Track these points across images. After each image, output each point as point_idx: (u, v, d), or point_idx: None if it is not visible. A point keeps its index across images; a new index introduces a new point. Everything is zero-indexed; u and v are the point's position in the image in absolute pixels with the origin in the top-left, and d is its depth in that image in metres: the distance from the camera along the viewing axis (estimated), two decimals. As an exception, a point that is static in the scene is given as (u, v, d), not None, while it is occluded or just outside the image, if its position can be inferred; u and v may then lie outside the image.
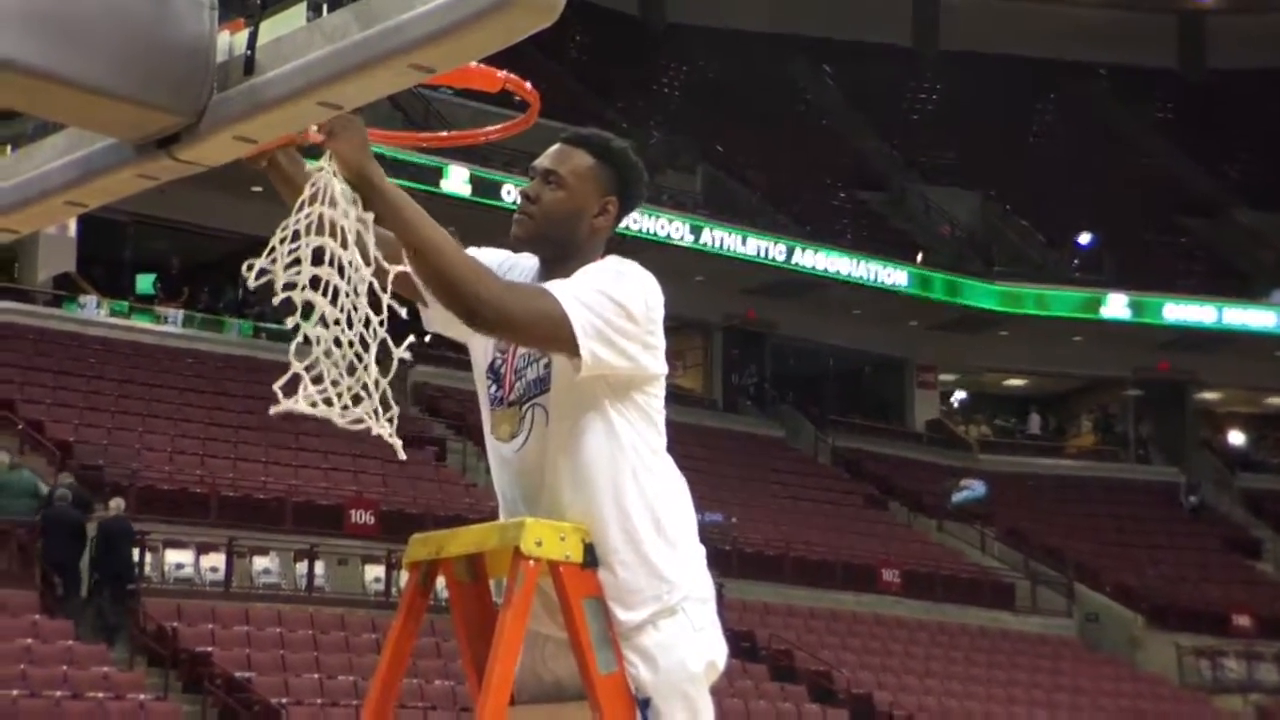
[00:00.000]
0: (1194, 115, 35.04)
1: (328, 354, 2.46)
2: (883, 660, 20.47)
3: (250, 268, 2.47)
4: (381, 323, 2.46)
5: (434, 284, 2.57)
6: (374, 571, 17.61)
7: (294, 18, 2.19)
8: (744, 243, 26.35)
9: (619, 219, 2.85)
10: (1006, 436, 31.05)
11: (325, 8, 2.15)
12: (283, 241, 2.48)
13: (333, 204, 2.45)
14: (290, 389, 2.47)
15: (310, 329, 2.47)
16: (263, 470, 19.46)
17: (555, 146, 2.84)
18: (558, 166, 2.80)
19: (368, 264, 2.44)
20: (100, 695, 13.91)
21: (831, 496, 25.63)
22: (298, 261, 2.45)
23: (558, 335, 2.58)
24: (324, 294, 2.44)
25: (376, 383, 2.47)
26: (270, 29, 2.21)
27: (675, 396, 27.50)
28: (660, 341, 2.73)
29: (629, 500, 2.70)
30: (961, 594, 23.39)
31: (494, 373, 2.84)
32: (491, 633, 2.66)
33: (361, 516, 18.56)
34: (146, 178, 2.35)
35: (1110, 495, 28.96)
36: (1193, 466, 29.85)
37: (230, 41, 2.23)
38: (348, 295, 2.44)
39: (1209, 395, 31.89)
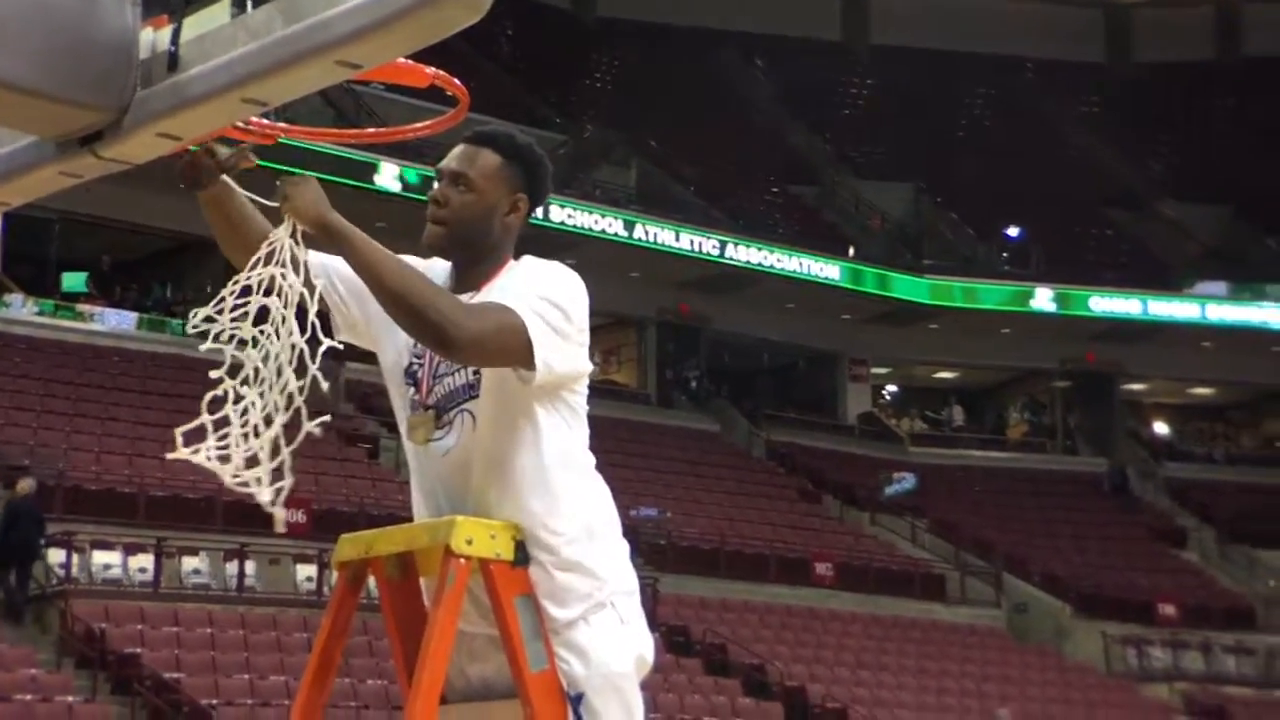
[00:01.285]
0: (1120, 108, 35.51)
1: (243, 412, 2.49)
2: (816, 653, 20.60)
3: (195, 314, 2.55)
4: (301, 389, 2.50)
5: (405, 321, 2.60)
6: (306, 571, 17.48)
7: (218, 14, 2.17)
8: (677, 237, 26.40)
9: (528, 215, 2.84)
10: (936, 429, 31.33)
11: (250, 4, 2.13)
12: (231, 295, 2.55)
13: (283, 266, 2.50)
14: (192, 437, 2.46)
15: (233, 386, 2.52)
16: (192, 469, 19.08)
17: (460, 148, 2.80)
18: (466, 168, 2.76)
19: (302, 331, 2.48)
20: (28, 697, 13.71)
21: (765, 490, 25.75)
22: (243, 316, 2.52)
23: (518, 352, 2.61)
24: (258, 352, 2.48)
25: (277, 449, 2.46)
26: (194, 25, 2.18)
27: (609, 391, 27.65)
28: (587, 339, 2.75)
29: (558, 499, 2.71)
30: (893, 586, 23.59)
31: (410, 376, 2.83)
32: (422, 631, 2.65)
33: (293, 515, 18.27)
34: (70, 175, 2.32)
35: (1038, 486, 29.31)
36: (1117, 454, 30.26)
37: (154, 38, 2.21)
38: (275, 358, 2.48)
39: (1135, 386, 32.35)
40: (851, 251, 29.31)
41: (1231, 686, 23.94)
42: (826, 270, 27.84)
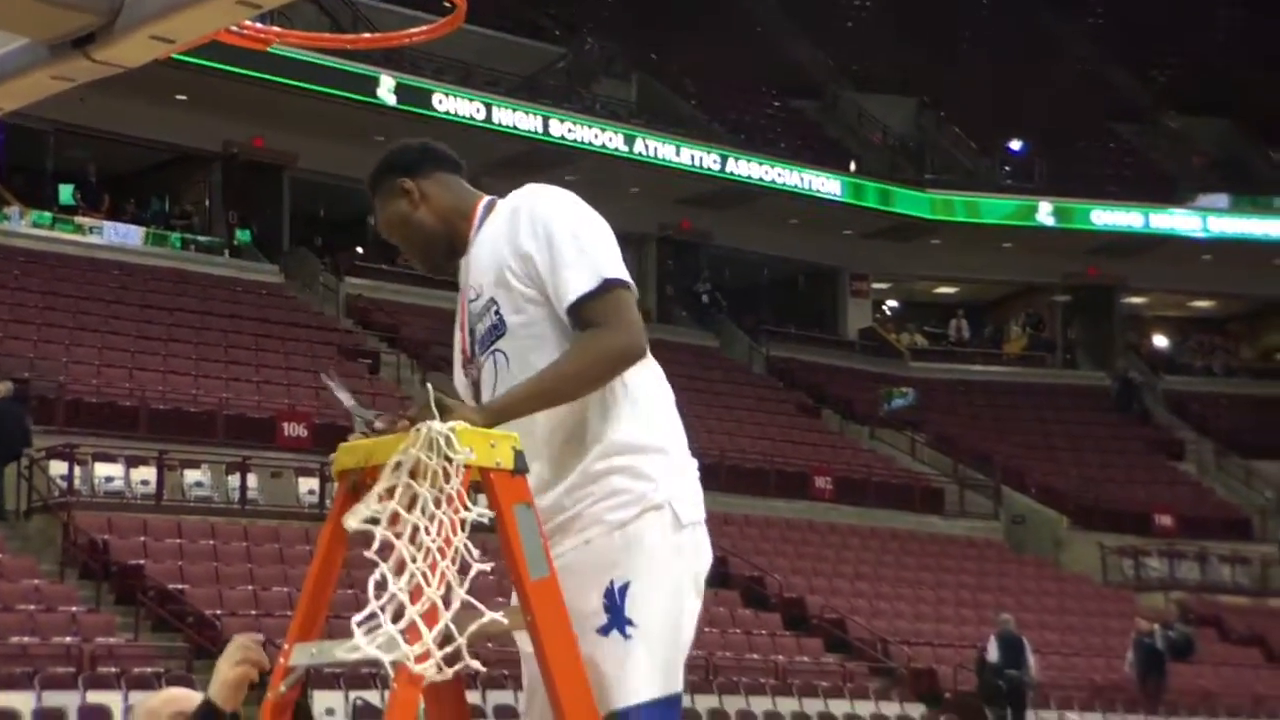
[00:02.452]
0: (1124, 20, 35.11)
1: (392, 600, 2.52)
2: (815, 565, 20.76)
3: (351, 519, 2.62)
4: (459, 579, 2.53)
5: (596, 387, 2.76)
6: (308, 484, 17.56)
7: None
8: (678, 152, 26.22)
9: (430, 179, 2.97)
10: (937, 344, 31.34)
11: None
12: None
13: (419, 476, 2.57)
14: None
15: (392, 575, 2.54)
16: (193, 383, 19.28)
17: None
18: (384, 228, 2.99)
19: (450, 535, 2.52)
20: (31, 608, 13.84)
21: (765, 405, 25.82)
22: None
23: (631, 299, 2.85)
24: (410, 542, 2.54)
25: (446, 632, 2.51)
26: (185, -75, 2.14)
27: (609, 306, 27.58)
28: (610, 239, 2.86)
29: (605, 414, 2.78)
30: (892, 499, 23.73)
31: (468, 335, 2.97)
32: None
33: (294, 429, 18.47)
34: (62, 79, 2.29)
35: (1038, 400, 29.39)
36: (1121, 367, 30.28)
37: (145, -61, 2.16)
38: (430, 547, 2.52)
39: (1135, 300, 32.33)
40: (853, 166, 29.13)
41: (1226, 595, 24.16)
42: (828, 185, 27.69)
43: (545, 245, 2.80)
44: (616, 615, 2.73)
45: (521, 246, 2.82)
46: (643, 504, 2.76)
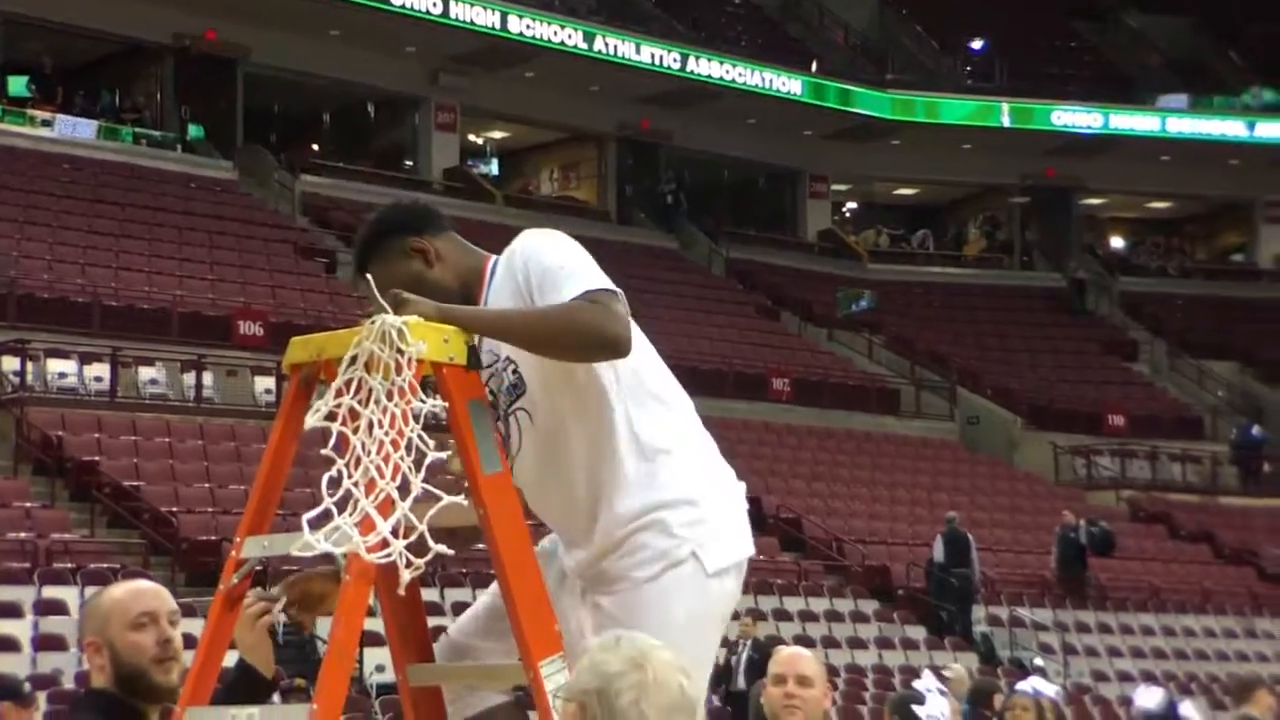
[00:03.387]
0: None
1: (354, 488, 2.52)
2: (771, 465, 20.93)
3: (313, 413, 2.58)
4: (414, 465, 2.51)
5: (563, 349, 2.68)
6: (264, 383, 17.50)
7: None
8: (638, 50, 25.92)
9: (442, 238, 2.87)
10: (896, 245, 31.37)
11: None
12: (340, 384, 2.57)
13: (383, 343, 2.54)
14: (317, 523, 2.54)
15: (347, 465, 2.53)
16: (146, 280, 19.10)
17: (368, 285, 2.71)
18: (388, 301, 2.65)
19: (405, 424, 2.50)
20: (-14, 505, 13.80)
21: (724, 307, 25.83)
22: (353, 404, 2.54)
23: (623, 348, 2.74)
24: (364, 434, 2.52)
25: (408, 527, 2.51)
26: None
27: (568, 208, 27.45)
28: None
29: (621, 486, 2.77)
30: (849, 401, 23.88)
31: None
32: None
33: (250, 327, 18.35)
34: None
35: (995, 301, 29.54)
36: (1071, 268, 30.44)
37: None
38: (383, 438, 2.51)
39: (1093, 201, 32.42)
40: (814, 66, 28.90)
41: (1176, 494, 24.57)
42: (789, 85, 27.49)
43: (539, 282, 2.75)
44: None
45: (522, 294, 2.78)
46: (666, 560, 2.76)
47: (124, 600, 2.72)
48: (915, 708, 5.36)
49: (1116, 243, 33.73)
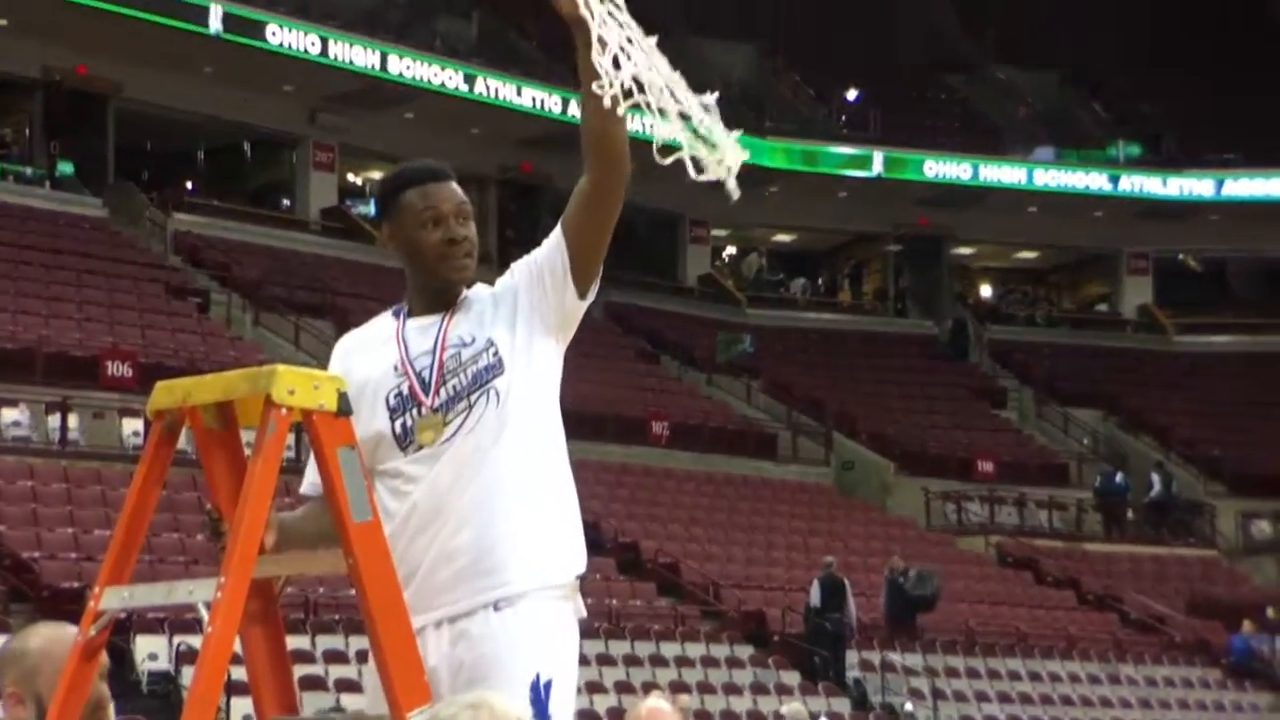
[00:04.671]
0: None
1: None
2: (650, 510, 20.96)
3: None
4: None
5: (607, 123, 3.10)
6: (132, 425, 17.09)
7: None
8: (519, 93, 25.98)
9: (400, 209, 2.99)
10: (773, 291, 31.72)
11: None
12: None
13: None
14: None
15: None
16: (11, 320, 18.60)
17: (451, 185, 3.16)
18: (470, 215, 3.08)
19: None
20: None
21: (604, 350, 25.87)
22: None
23: (604, 249, 3.08)
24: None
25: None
26: None
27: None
28: None
29: (563, 469, 2.90)
30: (727, 445, 24.03)
31: (405, 398, 2.87)
32: (241, 483, 2.60)
33: (118, 368, 17.96)
34: None
35: (870, 348, 29.99)
36: (953, 313, 31.06)
37: None
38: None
39: (964, 250, 33.13)
40: (694, 111, 29.17)
41: (1043, 539, 25.05)
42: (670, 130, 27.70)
43: (530, 258, 3.02)
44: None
45: (517, 279, 2.99)
46: (542, 595, 2.82)
47: (52, 651, 2.55)
48: None
49: (986, 291, 34.48)
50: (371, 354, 2.92)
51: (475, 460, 2.82)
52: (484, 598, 2.79)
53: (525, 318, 2.92)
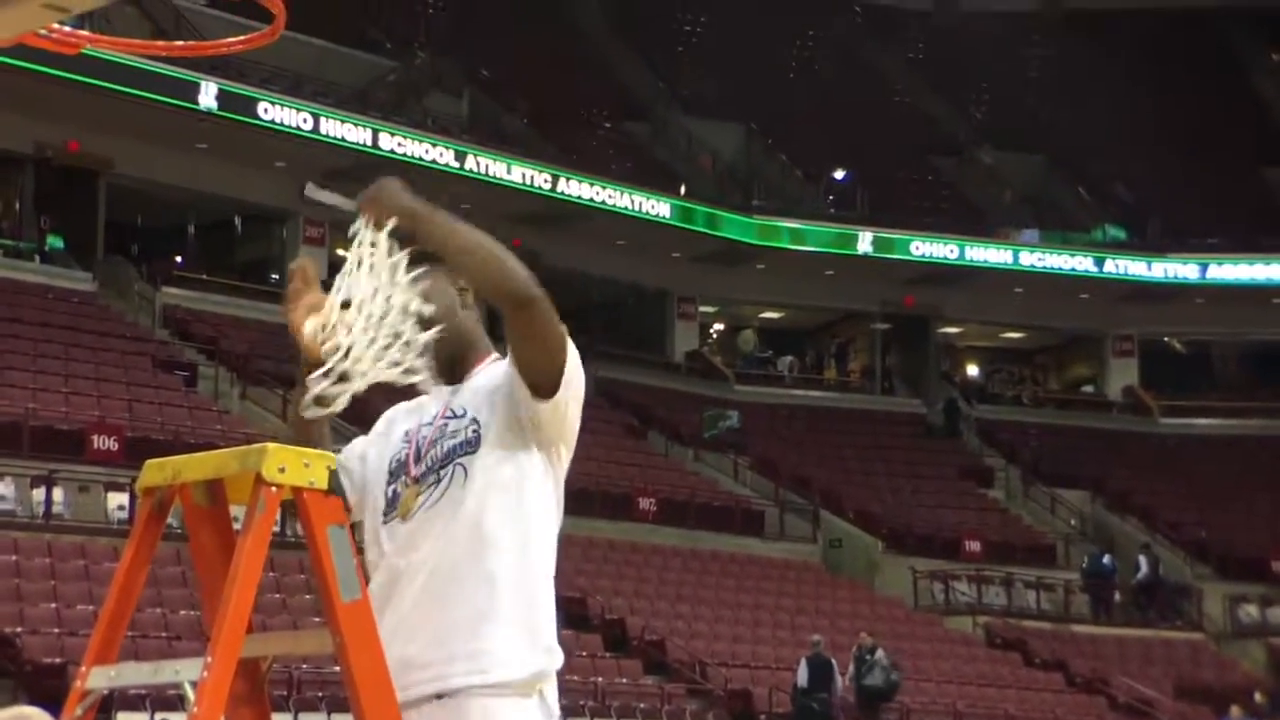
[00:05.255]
0: (944, 56, 36.19)
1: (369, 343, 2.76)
2: (637, 586, 20.86)
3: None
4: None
5: (491, 278, 2.79)
6: (117, 499, 17.04)
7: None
8: (509, 170, 26.17)
9: (479, 304, 2.99)
10: (761, 368, 31.80)
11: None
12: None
13: (373, 247, 2.83)
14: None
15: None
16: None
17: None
18: (431, 290, 2.90)
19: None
20: None
21: (591, 425, 25.61)
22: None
23: (558, 354, 2.84)
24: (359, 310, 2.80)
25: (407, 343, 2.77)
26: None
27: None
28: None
29: (526, 565, 2.80)
30: (714, 522, 23.96)
31: (400, 465, 2.90)
32: (230, 561, 2.60)
33: (104, 442, 17.91)
34: None
35: (856, 425, 30.01)
36: (941, 392, 31.15)
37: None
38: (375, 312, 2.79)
39: (950, 329, 33.27)
40: (682, 190, 29.43)
41: (1030, 621, 24.94)
42: (657, 208, 27.93)
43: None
44: None
45: (500, 387, 2.90)
46: (513, 687, 2.75)
47: None
48: None
49: (973, 370, 34.59)
50: (402, 420, 2.98)
51: (434, 536, 2.79)
52: (429, 688, 2.74)
53: (504, 403, 2.88)
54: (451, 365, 2.94)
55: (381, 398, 2.95)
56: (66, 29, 2.46)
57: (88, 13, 2.16)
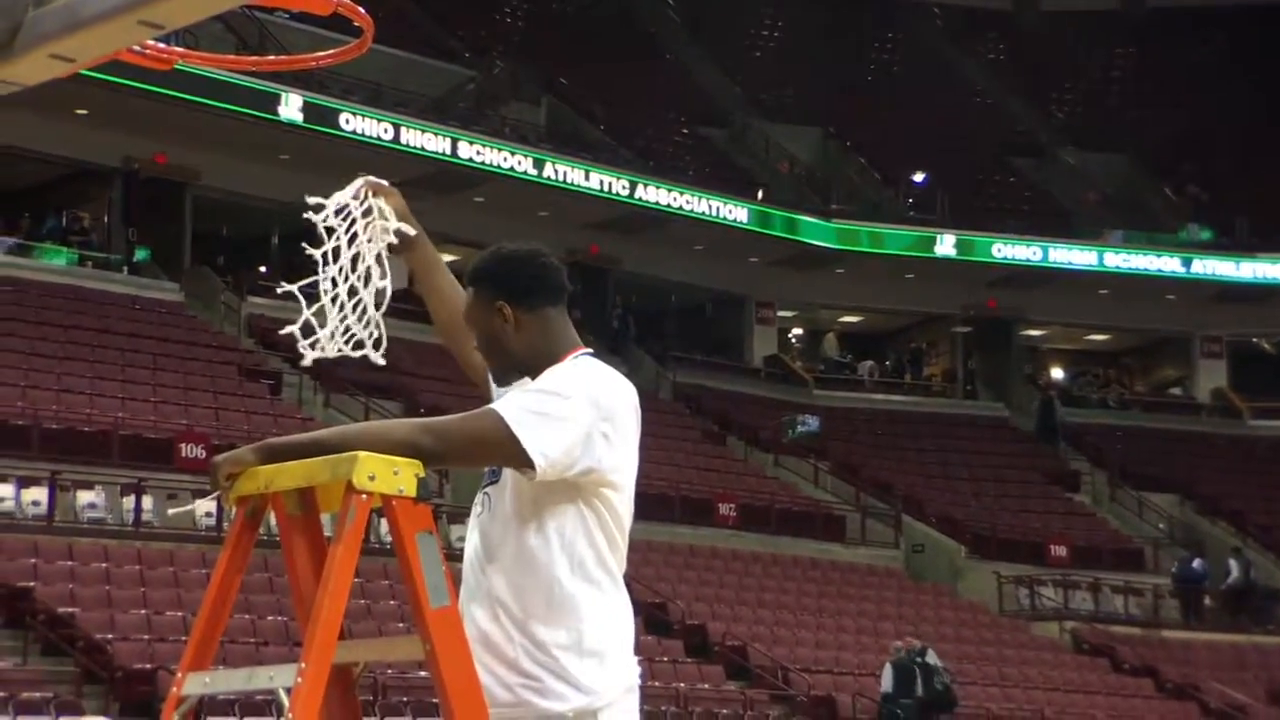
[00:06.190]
0: (1025, 56, 35.83)
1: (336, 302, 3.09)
2: (717, 592, 20.81)
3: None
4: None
5: (387, 454, 2.67)
6: (205, 506, 17.26)
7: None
8: (587, 177, 26.25)
9: (533, 314, 2.91)
10: (840, 372, 31.63)
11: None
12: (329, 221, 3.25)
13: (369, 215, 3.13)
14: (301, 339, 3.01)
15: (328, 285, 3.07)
16: (88, 402, 18.92)
17: None
18: (469, 320, 2.99)
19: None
20: (-84, 633, 13.47)
21: (671, 432, 25.86)
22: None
23: (507, 447, 2.71)
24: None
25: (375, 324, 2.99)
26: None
27: (515, 330, 27.44)
28: (621, 438, 2.84)
29: (555, 606, 2.77)
30: (795, 527, 23.86)
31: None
32: (322, 568, 2.63)
33: (192, 450, 18.18)
34: (-43, 96, 2.24)
35: (938, 430, 29.74)
36: (1038, 392, 30.85)
37: (46, -45, 2.13)
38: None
39: (1034, 332, 32.89)
40: (760, 195, 29.36)
41: (1118, 626, 24.57)
42: (735, 213, 27.88)
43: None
44: None
45: None
46: (562, 703, 2.75)
47: None
48: None
49: (1056, 373, 34.17)
50: None
51: (492, 541, 2.81)
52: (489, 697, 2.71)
53: None
54: (520, 377, 2.92)
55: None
56: (160, 45, 2.50)
57: (178, 29, 2.20)
